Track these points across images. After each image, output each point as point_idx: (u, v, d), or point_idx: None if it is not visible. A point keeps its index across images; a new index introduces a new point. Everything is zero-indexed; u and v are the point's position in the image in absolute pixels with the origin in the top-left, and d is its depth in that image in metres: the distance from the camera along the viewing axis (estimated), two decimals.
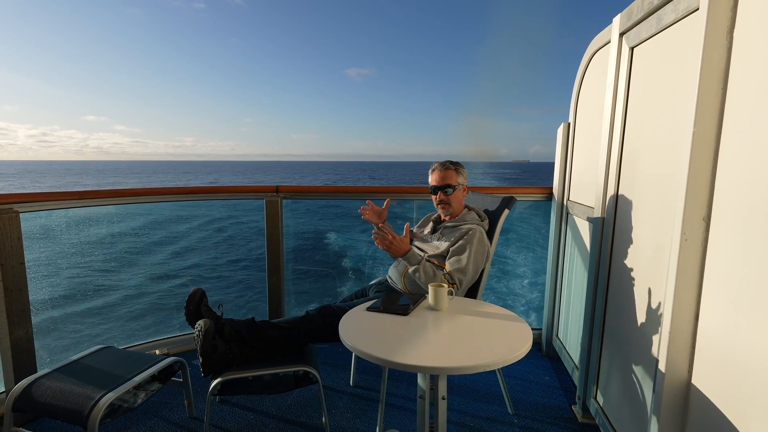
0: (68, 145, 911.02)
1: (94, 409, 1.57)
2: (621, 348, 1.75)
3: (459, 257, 2.02)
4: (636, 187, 1.64)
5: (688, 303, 1.20)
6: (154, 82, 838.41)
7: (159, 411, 2.17)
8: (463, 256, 2.02)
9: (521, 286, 5.15)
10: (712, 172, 1.14)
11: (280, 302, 3.01)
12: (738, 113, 1.06)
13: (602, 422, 1.90)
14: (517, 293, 5.17)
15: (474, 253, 2.02)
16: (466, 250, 2.03)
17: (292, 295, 3.22)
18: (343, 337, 1.37)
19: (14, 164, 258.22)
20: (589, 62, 2.27)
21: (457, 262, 2.01)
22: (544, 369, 2.66)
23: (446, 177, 2.17)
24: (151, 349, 2.77)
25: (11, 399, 1.67)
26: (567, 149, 2.58)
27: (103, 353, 2.00)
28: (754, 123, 0.99)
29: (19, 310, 2.05)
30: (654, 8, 1.47)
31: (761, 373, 0.95)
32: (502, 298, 5.06)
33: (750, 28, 1.03)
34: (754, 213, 0.97)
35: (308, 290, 3.82)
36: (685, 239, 1.18)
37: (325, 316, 1.95)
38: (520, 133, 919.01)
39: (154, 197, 2.76)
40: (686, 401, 1.24)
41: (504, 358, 1.23)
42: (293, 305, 3.22)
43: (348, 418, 2.13)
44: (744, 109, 1.04)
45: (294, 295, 3.27)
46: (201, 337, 1.72)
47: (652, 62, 1.56)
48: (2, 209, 2.01)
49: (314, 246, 4.09)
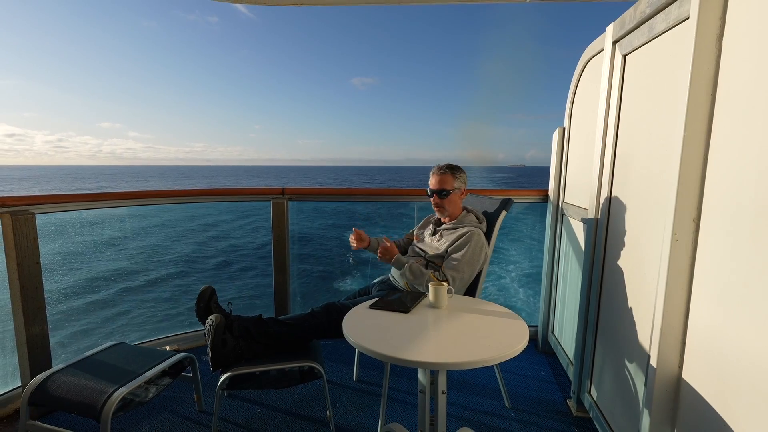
0: (82, 150, 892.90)
1: (107, 403, 1.58)
2: (614, 344, 1.75)
3: (455, 257, 2.04)
4: (628, 189, 1.65)
5: (678, 301, 1.21)
6: (167, 91, 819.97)
7: (169, 405, 2.17)
8: (459, 255, 2.04)
9: (518, 284, 5.15)
10: (701, 174, 1.15)
11: (286, 300, 3.02)
12: (727, 118, 1.06)
13: (596, 416, 1.90)
14: (514, 291, 5.17)
15: (470, 255, 2.03)
16: (462, 250, 2.04)
17: (297, 293, 3.22)
18: (347, 334, 1.37)
19: (31, 169, 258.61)
20: (583, 69, 2.27)
21: (453, 262, 2.03)
22: (540, 364, 2.66)
23: (442, 181, 2.18)
24: (162, 345, 2.78)
25: (27, 393, 1.67)
26: (562, 153, 2.58)
27: (115, 349, 2.00)
28: (742, 127, 1.00)
29: (34, 307, 2.06)
30: (646, 17, 1.48)
31: (749, 368, 0.95)
32: (500, 296, 5.05)
33: (738, 37, 1.04)
34: (742, 214, 0.98)
35: (313, 288, 3.83)
36: (676, 239, 1.19)
37: (330, 313, 1.96)
38: (517, 138, 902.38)
39: (165, 199, 2.77)
40: (677, 395, 1.24)
41: (501, 354, 1.24)
42: (299, 303, 3.23)
43: (351, 412, 2.14)
44: (732, 114, 1.04)
45: (299, 293, 3.28)
46: (212, 332, 1.73)
47: (644, 69, 1.57)
48: (18, 211, 2.02)
49: (319, 246, 4.09)
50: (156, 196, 2.71)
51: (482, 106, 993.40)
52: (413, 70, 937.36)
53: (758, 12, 0.96)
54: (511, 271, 5.35)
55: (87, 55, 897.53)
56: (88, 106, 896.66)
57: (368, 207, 4.31)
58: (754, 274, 0.94)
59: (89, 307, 4.10)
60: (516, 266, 5.30)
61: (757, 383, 0.93)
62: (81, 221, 2.95)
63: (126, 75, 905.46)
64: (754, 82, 0.96)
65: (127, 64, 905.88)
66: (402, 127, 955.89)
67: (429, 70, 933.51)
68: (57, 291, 2.98)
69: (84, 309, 4.01)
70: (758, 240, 0.93)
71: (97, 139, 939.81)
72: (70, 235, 2.93)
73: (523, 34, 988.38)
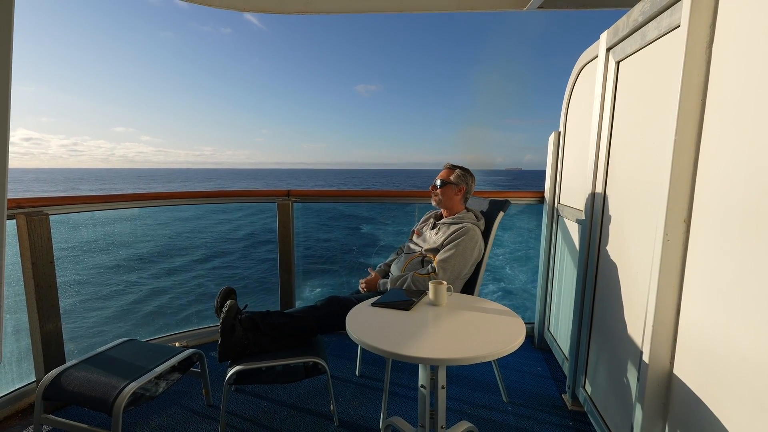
0: (96, 154, 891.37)
1: (119, 397, 1.59)
2: (608, 340, 1.75)
3: (447, 250, 2.10)
4: (621, 191, 1.65)
5: (670, 299, 1.21)
6: (179, 97, 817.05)
7: (179, 399, 2.18)
8: (451, 246, 2.10)
9: (515, 283, 5.15)
10: (692, 177, 1.15)
11: (291, 297, 3.03)
12: (716, 122, 1.07)
13: (590, 410, 1.90)
14: (511, 289, 5.17)
15: (463, 249, 2.07)
16: (454, 242, 2.10)
17: (302, 290, 3.23)
18: (350, 331, 1.38)
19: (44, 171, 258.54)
20: (578, 75, 2.28)
21: (445, 254, 2.09)
22: (537, 360, 2.66)
23: (444, 174, 2.32)
24: (172, 341, 2.79)
25: (41, 388, 1.68)
26: (557, 156, 2.59)
27: (126, 345, 2.01)
28: (731, 131, 1.00)
29: (48, 305, 2.06)
30: (638, 25, 1.48)
31: (738, 363, 0.96)
32: (499, 294, 5.06)
33: (727, 44, 1.04)
34: (731, 215, 0.98)
35: (317, 285, 3.83)
36: (667, 239, 1.19)
37: (332, 305, 1.99)
38: (514, 142, 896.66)
39: (175, 200, 2.77)
40: (668, 390, 1.25)
41: (499, 350, 1.24)
42: (303, 300, 3.23)
43: (354, 406, 2.14)
44: (722, 118, 1.04)
45: (304, 289, 3.29)
46: (225, 312, 1.80)
47: (636, 75, 1.57)
48: (33, 212, 2.03)
49: (323, 246, 4.09)
50: (166, 197, 2.72)
51: (481, 111, 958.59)
52: (415, 77, 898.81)
53: (747, 20, 0.97)
54: (509, 270, 5.36)
55: (106, 65, 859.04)
56: (103, 112, 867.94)
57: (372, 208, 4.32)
58: (743, 273, 0.94)
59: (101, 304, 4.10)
60: (513, 265, 5.30)
61: (745, 377, 0.93)
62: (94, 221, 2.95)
63: (141, 82, 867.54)
64: (743, 88, 0.97)
65: (143, 72, 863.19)
66: (403, 131, 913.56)
67: (429, 77, 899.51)
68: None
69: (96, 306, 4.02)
70: (746, 240, 0.93)
71: (110, 143, 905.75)
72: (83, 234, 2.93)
73: (521, 41, 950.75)
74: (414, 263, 2.19)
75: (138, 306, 4.13)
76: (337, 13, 2.62)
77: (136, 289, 4.32)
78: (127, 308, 4.03)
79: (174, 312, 3.86)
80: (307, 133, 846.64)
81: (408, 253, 2.28)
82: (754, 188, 0.92)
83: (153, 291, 4.33)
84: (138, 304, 4.14)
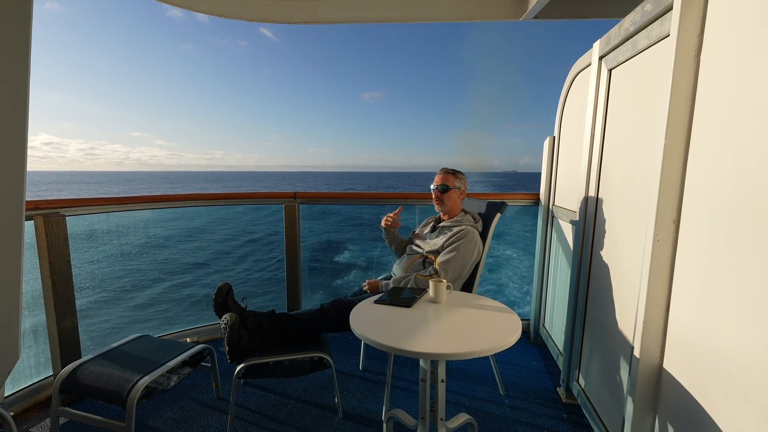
0: (112, 157, 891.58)
1: (132, 390, 1.60)
2: (600, 336, 1.75)
3: (448, 252, 2.09)
4: (613, 193, 1.66)
5: (659, 296, 1.21)
6: (194, 104, 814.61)
7: (190, 392, 2.19)
8: (451, 248, 2.09)
9: (512, 281, 5.15)
10: (681, 179, 1.15)
11: (298, 296, 3.03)
12: (704, 127, 1.07)
13: (584, 402, 1.90)
14: (508, 287, 5.17)
15: (463, 251, 2.07)
16: (454, 244, 2.09)
17: (308, 289, 3.23)
18: (354, 327, 1.38)
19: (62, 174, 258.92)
20: (572, 82, 2.28)
21: (446, 256, 2.08)
22: (532, 355, 2.66)
23: (445, 179, 2.27)
24: (183, 337, 2.80)
25: (58, 382, 1.69)
26: (552, 159, 2.59)
27: (140, 341, 2.02)
28: (718, 136, 1.01)
29: (65, 302, 2.07)
30: (630, 34, 1.48)
31: (725, 358, 0.96)
32: (496, 292, 5.05)
33: (715, 53, 1.05)
34: (718, 216, 0.99)
35: (322, 285, 3.83)
36: (657, 239, 1.19)
37: (338, 308, 1.97)
38: (510, 145, 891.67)
39: (186, 203, 2.78)
40: (658, 383, 1.25)
41: (496, 345, 1.24)
42: (309, 299, 3.23)
43: (358, 399, 2.14)
44: (709, 124, 1.05)
45: (309, 289, 3.29)
46: (228, 330, 1.75)
47: (628, 82, 1.57)
48: (50, 213, 2.04)
49: (328, 247, 4.09)
50: (178, 199, 2.73)
51: (479, 117, 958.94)
52: (417, 85, 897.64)
53: (733, 30, 0.97)
54: (506, 269, 5.35)
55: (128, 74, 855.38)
56: (122, 118, 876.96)
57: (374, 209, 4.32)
58: (729, 271, 0.94)
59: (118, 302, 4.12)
60: (510, 264, 5.29)
61: (732, 371, 0.94)
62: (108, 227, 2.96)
63: (160, 91, 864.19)
64: (730, 94, 0.97)
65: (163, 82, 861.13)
66: (406, 136, 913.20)
67: (430, 84, 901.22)
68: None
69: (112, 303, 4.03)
70: (733, 240, 0.94)
71: (126, 147, 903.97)
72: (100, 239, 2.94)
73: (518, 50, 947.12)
74: (416, 264, 2.19)
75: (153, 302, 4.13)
76: (341, 23, 2.62)
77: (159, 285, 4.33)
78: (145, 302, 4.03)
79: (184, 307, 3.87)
80: (313, 137, 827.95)
81: (410, 254, 2.28)
82: (739, 190, 0.92)
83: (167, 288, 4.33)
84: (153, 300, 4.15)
